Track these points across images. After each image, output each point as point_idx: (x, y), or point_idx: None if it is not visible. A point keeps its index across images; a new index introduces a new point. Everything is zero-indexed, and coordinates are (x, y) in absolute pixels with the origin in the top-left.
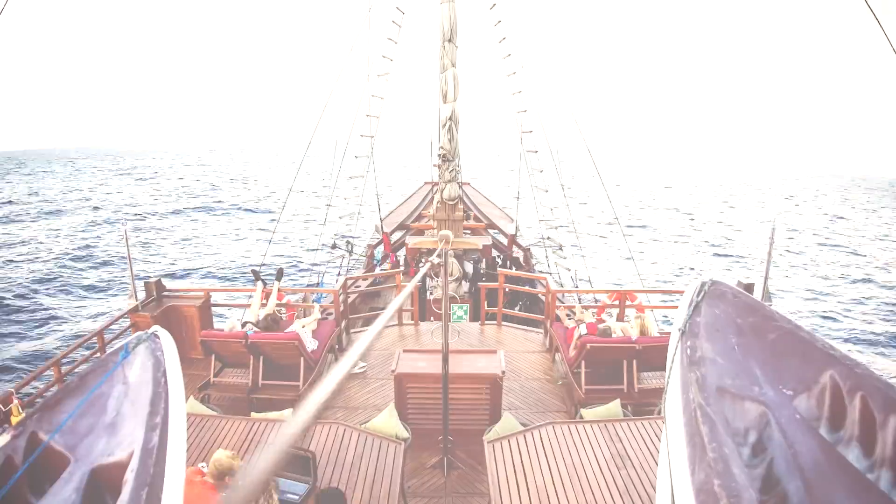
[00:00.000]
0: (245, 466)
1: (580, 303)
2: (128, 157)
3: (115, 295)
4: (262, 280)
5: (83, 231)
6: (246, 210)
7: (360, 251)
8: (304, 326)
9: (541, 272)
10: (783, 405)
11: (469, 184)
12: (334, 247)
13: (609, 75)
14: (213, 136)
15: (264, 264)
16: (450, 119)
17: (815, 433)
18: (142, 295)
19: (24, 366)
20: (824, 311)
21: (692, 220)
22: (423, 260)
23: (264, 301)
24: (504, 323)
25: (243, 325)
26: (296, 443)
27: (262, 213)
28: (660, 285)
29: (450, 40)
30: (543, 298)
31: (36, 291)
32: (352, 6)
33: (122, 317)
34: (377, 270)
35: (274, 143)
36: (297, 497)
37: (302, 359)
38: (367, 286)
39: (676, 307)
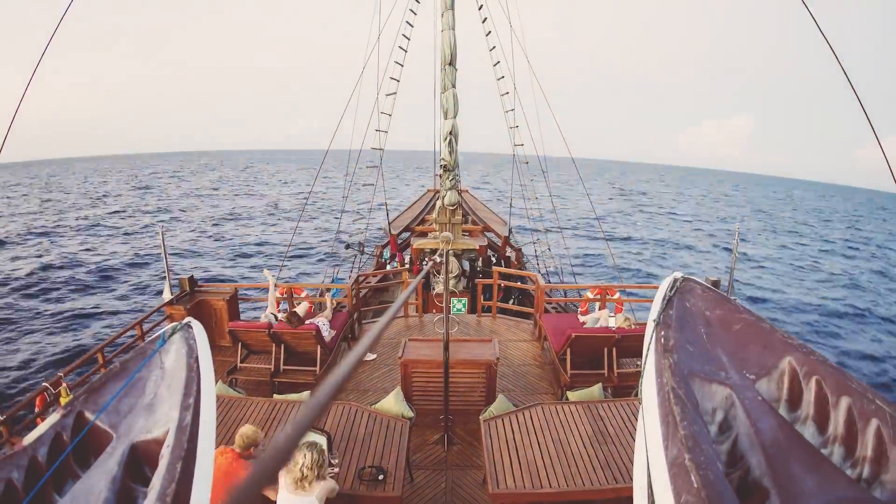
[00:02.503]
0: (268, 438)
1: (565, 295)
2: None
3: (154, 289)
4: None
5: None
6: (270, 214)
7: (371, 251)
8: (322, 320)
9: (531, 269)
10: (747, 388)
11: (467, 191)
12: (348, 247)
13: (596, 93)
14: (244, 150)
15: (285, 264)
16: (450, 133)
17: (774, 413)
18: (177, 289)
19: (71, 353)
20: (783, 304)
21: (667, 221)
22: (426, 259)
23: (281, 295)
24: (498, 315)
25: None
26: (315, 422)
27: (285, 218)
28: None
29: (450, 63)
30: (534, 293)
31: (86, 285)
32: (363, 33)
33: (158, 309)
34: (387, 268)
35: (294, 156)
36: None
37: (319, 347)
38: (377, 282)
39: (652, 301)
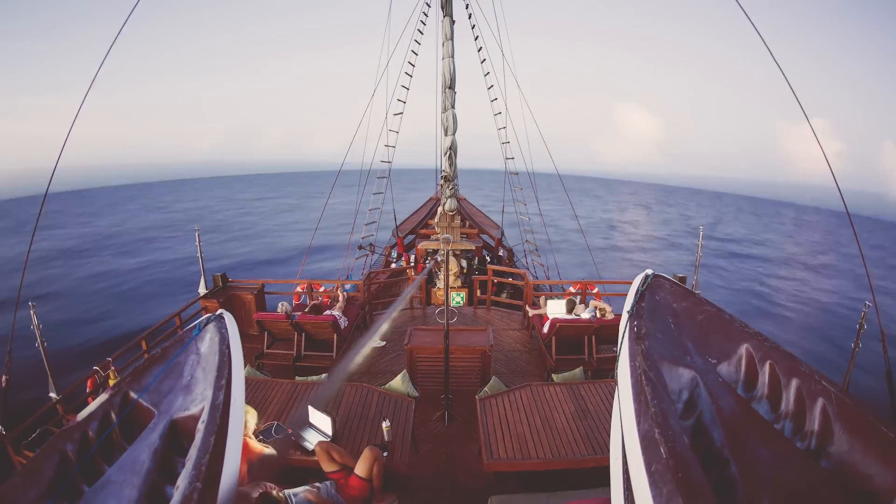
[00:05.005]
0: (290, 413)
1: (550, 290)
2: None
3: (190, 286)
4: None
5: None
6: (290, 219)
7: (380, 251)
8: (337, 312)
9: (521, 267)
10: (709, 371)
11: (465, 198)
12: (360, 248)
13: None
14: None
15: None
16: (450, 149)
17: (733, 393)
18: (211, 285)
19: (119, 341)
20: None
21: (641, 224)
22: (429, 258)
23: (302, 290)
24: (492, 307)
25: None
26: (328, 401)
27: (305, 220)
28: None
29: (450, 87)
30: (523, 288)
31: (134, 285)
32: (374, 61)
33: (194, 302)
34: (395, 266)
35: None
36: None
37: (335, 335)
38: (386, 278)
39: (626, 294)
